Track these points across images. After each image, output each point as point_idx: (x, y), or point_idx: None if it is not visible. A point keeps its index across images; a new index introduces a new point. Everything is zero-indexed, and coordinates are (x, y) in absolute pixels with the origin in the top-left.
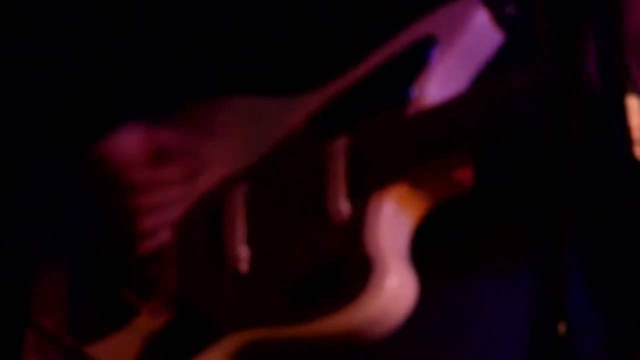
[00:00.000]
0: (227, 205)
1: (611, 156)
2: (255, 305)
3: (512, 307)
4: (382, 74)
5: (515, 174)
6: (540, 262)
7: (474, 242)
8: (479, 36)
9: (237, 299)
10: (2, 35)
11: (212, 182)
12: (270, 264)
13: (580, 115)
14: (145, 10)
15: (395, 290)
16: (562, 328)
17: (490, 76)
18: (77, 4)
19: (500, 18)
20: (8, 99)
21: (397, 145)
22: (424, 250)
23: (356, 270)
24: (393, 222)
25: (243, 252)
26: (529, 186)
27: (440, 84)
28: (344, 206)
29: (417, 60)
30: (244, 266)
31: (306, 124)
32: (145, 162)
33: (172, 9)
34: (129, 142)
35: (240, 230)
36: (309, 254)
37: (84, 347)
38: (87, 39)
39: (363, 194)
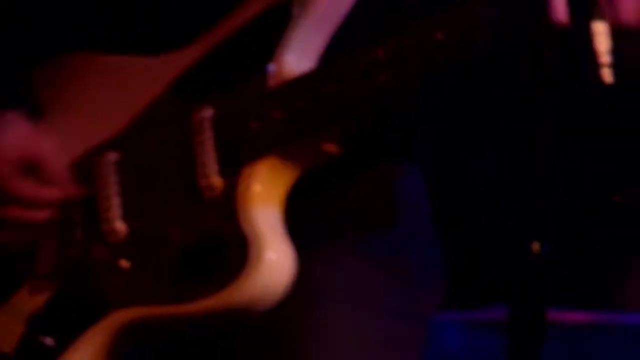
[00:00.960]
0: (98, 177)
1: (580, 79)
2: (137, 281)
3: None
4: (243, 37)
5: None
6: None
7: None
8: None
9: (116, 277)
10: None
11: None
12: (147, 239)
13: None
14: None
15: (273, 265)
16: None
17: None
18: None
19: None
20: None
21: (265, 119)
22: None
23: (233, 247)
24: (265, 195)
25: (120, 227)
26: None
27: (298, 51)
28: (216, 181)
29: (275, 26)
30: (121, 242)
31: (169, 88)
32: (17, 169)
33: None
34: (11, 138)
35: (115, 203)
36: (185, 230)
37: None
38: None
39: (234, 169)
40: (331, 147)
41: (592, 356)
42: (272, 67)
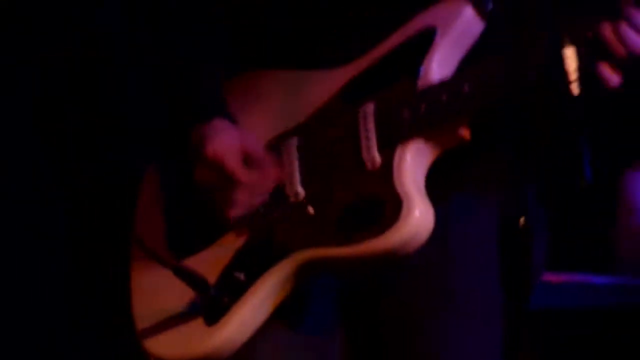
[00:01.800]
0: (284, 153)
1: (556, 93)
2: (311, 231)
3: (485, 214)
4: (396, 55)
5: (495, 130)
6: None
7: (464, 173)
8: (467, 26)
9: (296, 227)
10: None
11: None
12: (321, 200)
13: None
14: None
15: (420, 218)
16: (522, 221)
17: (476, 59)
18: None
19: (482, 13)
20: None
21: (413, 110)
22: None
23: (390, 204)
24: (413, 167)
25: (300, 190)
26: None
27: (439, 64)
28: (376, 156)
29: (422, 45)
30: (301, 202)
31: (339, 92)
32: (241, 162)
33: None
34: (229, 142)
35: (296, 174)
36: (351, 193)
37: (183, 260)
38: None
39: (390, 146)
40: (464, 132)
41: None
42: (421, 72)
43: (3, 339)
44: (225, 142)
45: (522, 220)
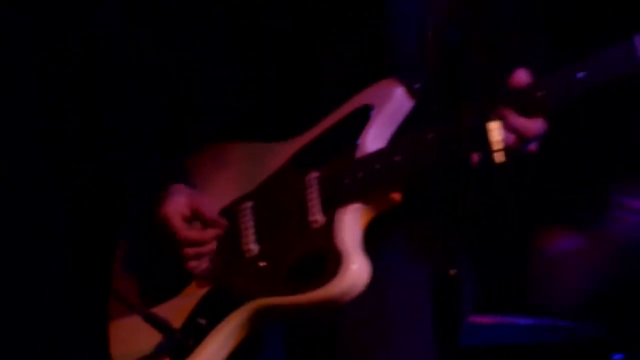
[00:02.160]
0: (240, 215)
1: (481, 162)
2: (264, 283)
3: (417, 266)
4: (338, 129)
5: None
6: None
7: (398, 231)
8: (398, 103)
9: (251, 279)
10: None
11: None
12: (272, 256)
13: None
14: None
15: (357, 271)
16: (452, 272)
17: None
18: None
19: (411, 91)
20: None
21: (352, 178)
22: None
23: (330, 259)
24: (352, 226)
25: (254, 247)
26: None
27: (375, 137)
28: (320, 217)
29: (360, 120)
30: (255, 258)
31: (289, 161)
32: (185, 222)
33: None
34: (178, 202)
35: (250, 232)
36: (298, 249)
37: (152, 309)
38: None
39: (332, 208)
40: (396, 196)
41: None
42: (359, 144)
43: (3, 339)
44: (174, 203)
45: (452, 271)
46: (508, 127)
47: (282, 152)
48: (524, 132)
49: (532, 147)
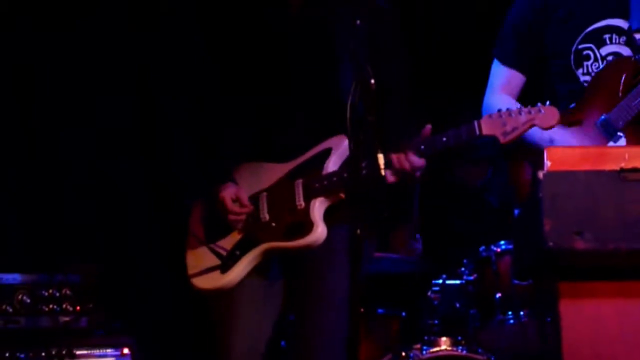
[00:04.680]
0: (259, 200)
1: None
2: (271, 234)
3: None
4: (313, 158)
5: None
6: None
7: (339, 213)
8: (344, 148)
9: (264, 232)
10: None
11: (252, 192)
12: (277, 221)
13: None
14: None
15: (321, 232)
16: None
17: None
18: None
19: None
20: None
21: (321, 184)
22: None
23: (307, 224)
24: (318, 209)
25: (266, 215)
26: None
27: (332, 164)
28: (303, 202)
29: (325, 155)
30: (268, 221)
31: (287, 174)
32: (231, 202)
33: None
34: (229, 191)
35: (264, 208)
36: (290, 218)
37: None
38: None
39: (308, 199)
40: (342, 194)
41: None
42: (324, 167)
43: None
44: (227, 191)
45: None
46: (407, 159)
47: (283, 168)
48: (415, 164)
49: (418, 174)
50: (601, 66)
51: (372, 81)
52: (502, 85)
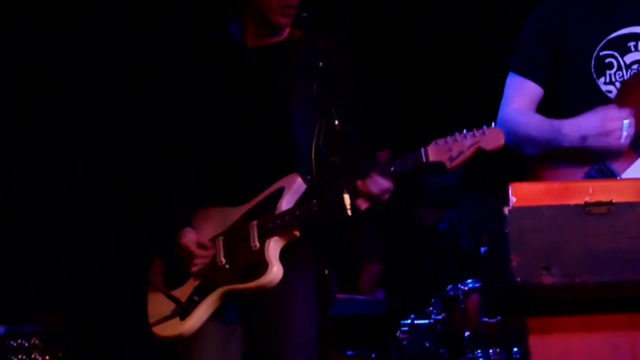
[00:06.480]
0: (216, 244)
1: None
2: (228, 277)
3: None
4: (267, 199)
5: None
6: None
7: (298, 251)
8: (298, 187)
9: (221, 276)
10: None
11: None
12: (233, 263)
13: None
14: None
15: (276, 272)
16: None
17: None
18: None
19: (305, 181)
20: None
21: (274, 224)
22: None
23: (262, 265)
24: (274, 248)
25: (222, 259)
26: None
27: (286, 203)
28: (257, 243)
29: (278, 195)
30: (222, 263)
31: (242, 217)
32: (196, 247)
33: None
34: (190, 237)
35: (220, 252)
36: (246, 260)
37: (171, 291)
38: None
39: (262, 239)
40: (296, 232)
41: None
42: (277, 207)
43: None
44: (189, 237)
45: (326, 272)
46: (373, 182)
47: (237, 212)
48: (382, 186)
49: (386, 197)
50: (626, 75)
51: (337, 122)
52: (518, 98)
